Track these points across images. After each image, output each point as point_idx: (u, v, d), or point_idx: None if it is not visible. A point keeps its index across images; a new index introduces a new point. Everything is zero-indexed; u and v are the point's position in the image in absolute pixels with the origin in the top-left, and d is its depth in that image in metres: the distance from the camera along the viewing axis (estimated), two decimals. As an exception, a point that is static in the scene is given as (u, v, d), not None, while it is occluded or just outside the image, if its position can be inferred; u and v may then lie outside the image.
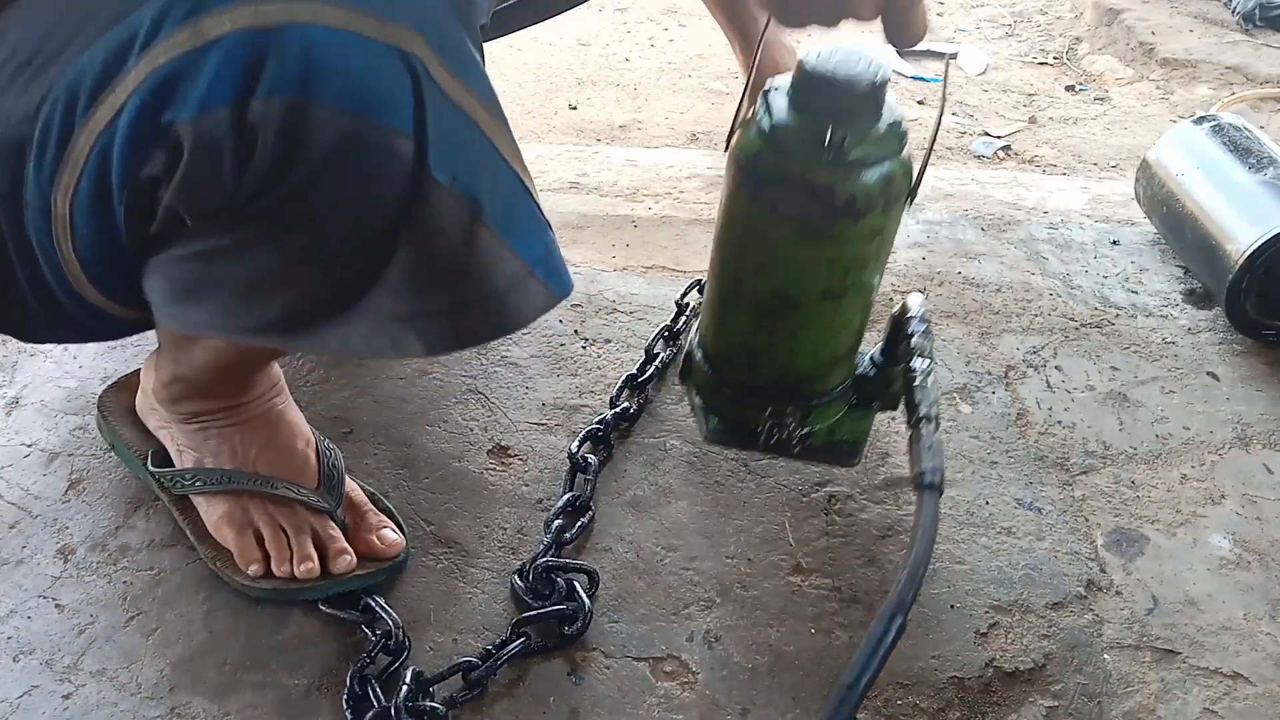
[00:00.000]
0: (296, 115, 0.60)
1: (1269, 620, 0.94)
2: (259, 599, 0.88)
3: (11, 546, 0.92)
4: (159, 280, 0.71)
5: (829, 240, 0.85)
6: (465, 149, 0.66)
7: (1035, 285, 1.34)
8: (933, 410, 0.87)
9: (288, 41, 0.59)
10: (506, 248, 0.69)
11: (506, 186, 0.70)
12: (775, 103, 0.85)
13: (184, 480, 0.90)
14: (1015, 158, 2.11)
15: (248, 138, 0.60)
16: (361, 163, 0.62)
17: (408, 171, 0.63)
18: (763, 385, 0.95)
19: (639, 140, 2.07)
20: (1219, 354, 1.24)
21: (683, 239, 1.39)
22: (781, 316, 0.90)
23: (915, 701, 0.85)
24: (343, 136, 0.61)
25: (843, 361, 0.96)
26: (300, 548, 0.88)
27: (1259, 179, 1.27)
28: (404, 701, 0.80)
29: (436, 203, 0.65)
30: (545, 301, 0.74)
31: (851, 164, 0.82)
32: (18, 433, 1.03)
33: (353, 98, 0.60)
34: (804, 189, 0.83)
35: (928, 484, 0.80)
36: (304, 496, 0.89)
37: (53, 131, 0.64)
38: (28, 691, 0.81)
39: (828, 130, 0.81)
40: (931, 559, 0.77)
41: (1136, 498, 1.05)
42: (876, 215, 0.85)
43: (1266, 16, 2.55)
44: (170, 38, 0.60)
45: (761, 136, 0.84)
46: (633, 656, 0.87)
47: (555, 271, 0.73)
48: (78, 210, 0.67)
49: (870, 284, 0.92)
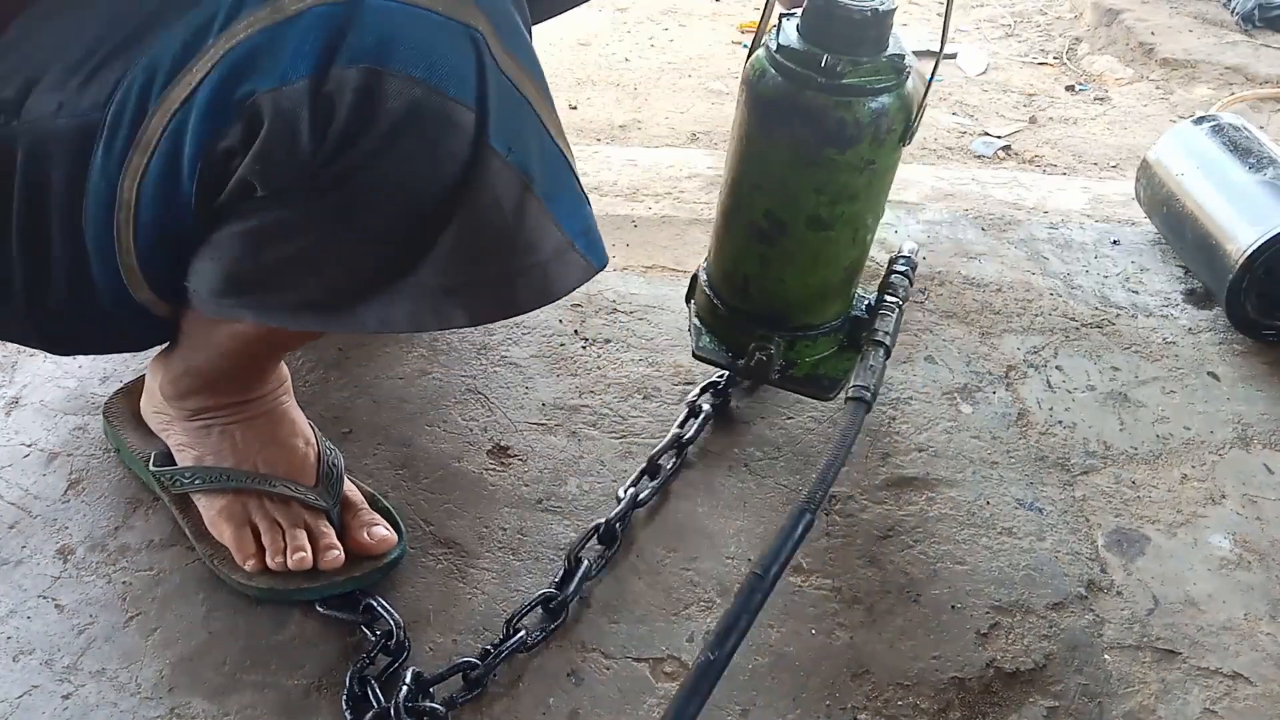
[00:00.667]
0: (371, 84, 0.62)
1: (1269, 620, 0.94)
2: (256, 597, 0.88)
3: (11, 546, 0.92)
4: (210, 263, 0.72)
5: (818, 165, 0.89)
6: (519, 122, 0.69)
7: (1036, 285, 1.34)
8: (885, 338, 0.94)
9: (365, 15, 0.61)
10: (552, 219, 0.72)
11: (553, 160, 0.72)
12: (786, 27, 0.90)
13: (184, 478, 0.90)
14: (1015, 158, 2.11)
15: (325, 106, 0.62)
16: (427, 130, 0.64)
17: (469, 141, 0.66)
18: (753, 310, 1.01)
19: (639, 140, 2.07)
20: (1219, 354, 1.24)
21: (683, 239, 1.39)
22: (772, 241, 0.95)
23: (915, 702, 0.85)
24: (412, 104, 0.63)
25: (832, 297, 1.00)
26: (294, 539, 0.88)
27: (1259, 179, 1.27)
28: (404, 702, 0.79)
29: (494, 172, 0.67)
30: (584, 273, 0.76)
31: (843, 90, 0.86)
32: (17, 433, 1.02)
33: (423, 68, 0.63)
34: (797, 110, 0.88)
35: (855, 396, 0.88)
36: (301, 494, 0.89)
37: (126, 113, 0.65)
38: (27, 691, 0.81)
39: (824, 56, 0.85)
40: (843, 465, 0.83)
41: (1137, 498, 1.05)
42: (865, 145, 0.88)
43: (1266, 17, 2.55)
44: (251, 14, 0.62)
45: (768, 57, 0.89)
46: (633, 657, 0.87)
47: (594, 245, 0.76)
48: (145, 194, 0.68)
49: (860, 220, 0.95)
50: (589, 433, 1.07)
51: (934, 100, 2.32)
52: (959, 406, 1.14)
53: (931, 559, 0.97)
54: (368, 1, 0.61)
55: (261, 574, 0.88)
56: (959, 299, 1.30)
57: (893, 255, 1.05)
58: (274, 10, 0.62)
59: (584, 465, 1.04)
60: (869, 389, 0.88)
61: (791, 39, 0.89)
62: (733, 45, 2.57)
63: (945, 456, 1.07)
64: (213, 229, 0.71)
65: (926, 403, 1.14)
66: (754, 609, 0.73)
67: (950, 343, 1.23)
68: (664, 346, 1.19)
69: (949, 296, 1.30)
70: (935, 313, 1.27)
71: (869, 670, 0.87)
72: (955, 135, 2.18)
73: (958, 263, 1.37)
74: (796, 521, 0.76)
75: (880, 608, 0.92)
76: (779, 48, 0.89)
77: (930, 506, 1.02)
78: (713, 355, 1.03)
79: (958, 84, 2.43)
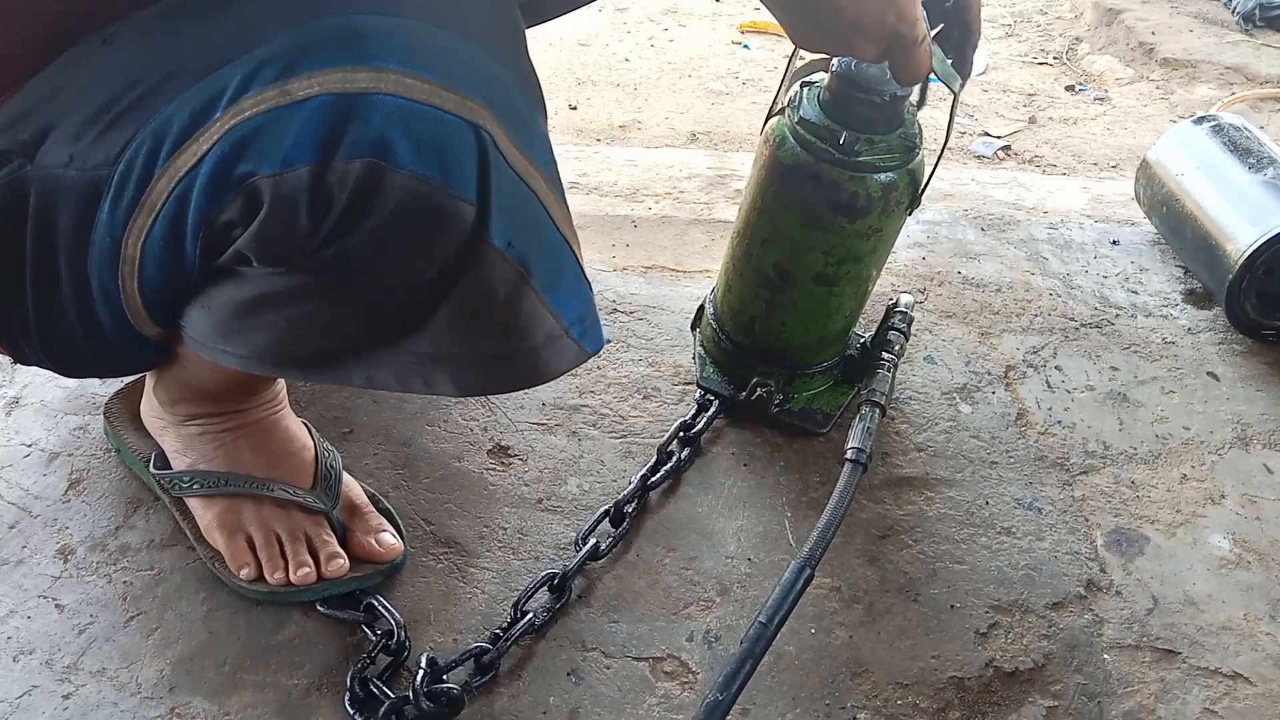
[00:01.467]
0: (371, 177, 0.62)
1: (1269, 620, 0.94)
2: (257, 600, 0.88)
3: (11, 546, 0.92)
4: (202, 312, 0.74)
5: (827, 230, 0.96)
6: (522, 216, 0.69)
7: (1035, 285, 1.34)
8: (880, 399, 0.99)
9: (371, 108, 0.62)
10: (548, 308, 0.73)
11: (555, 250, 0.73)
12: (808, 97, 0.96)
13: (181, 482, 0.91)
14: (1015, 158, 2.11)
15: (325, 195, 0.63)
16: (424, 223, 0.65)
17: (466, 235, 0.67)
18: (756, 348, 1.08)
19: (639, 140, 2.07)
20: (1219, 354, 1.24)
21: (683, 239, 1.39)
22: (779, 290, 1.02)
23: (915, 701, 0.85)
24: (412, 199, 0.64)
25: (832, 342, 1.07)
26: (295, 554, 0.88)
27: (1259, 179, 1.27)
28: (421, 685, 0.80)
29: (490, 265, 0.68)
30: (576, 359, 0.78)
31: (858, 166, 0.93)
32: (18, 433, 1.03)
33: (425, 164, 0.63)
34: (812, 181, 0.94)
35: (852, 459, 0.92)
36: (299, 498, 0.89)
37: (134, 174, 0.66)
38: (28, 691, 0.81)
39: (842, 133, 0.92)
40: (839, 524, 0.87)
41: (1136, 498, 1.05)
42: (874, 216, 0.95)
43: (1266, 16, 2.55)
44: (259, 94, 0.62)
45: (789, 127, 0.96)
46: (633, 656, 0.87)
47: (589, 330, 0.78)
48: (149, 252, 0.69)
49: (864, 277, 1.02)
50: (589, 432, 1.07)
51: (934, 100, 2.33)
52: (958, 406, 1.14)
53: (931, 558, 0.97)
54: (374, 96, 0.62)
55: (260, 580, 0.88)
56: (958, 299, 1.30)
57: (890, 305, 1.09)
58: (281, 93, 0.62)
59: (584, 465, 1.04)
60: (865, 451, 0.93)
61: (811, 113, 0.95)
62: (733, 45, 2.57)
63: (944, 456, 1.07)
64: (208, 282, 0.72)
65: (926, 403, 1.14)
66: (758, 656, 0.78)
67: (949, 343, 1.23)
68: (664, 346, 1.19)
69: (948, 296, 1.30)
70: (935, 313, 1.27)
71: (868, 669, 0.87)
72: (955, 135, 2.18)
73: (957, 263, 1.37)
74: (797, 576, 0.82)
75: (879, 607, 0.92)
76: (800, 120, 0.95)
77: (929, 506, 1.02)
78: (716, 386, 1.10)
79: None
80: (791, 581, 0.81)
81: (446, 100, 0.63)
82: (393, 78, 0.62)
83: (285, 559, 0.88)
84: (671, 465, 1.01)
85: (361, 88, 0.61)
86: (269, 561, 0.88)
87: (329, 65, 0.61)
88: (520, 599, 0.88)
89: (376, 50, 0.62)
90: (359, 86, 0.61)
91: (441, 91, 0.63)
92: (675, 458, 1.02)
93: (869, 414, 0.97)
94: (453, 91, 0.63)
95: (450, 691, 0.81)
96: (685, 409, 1.10)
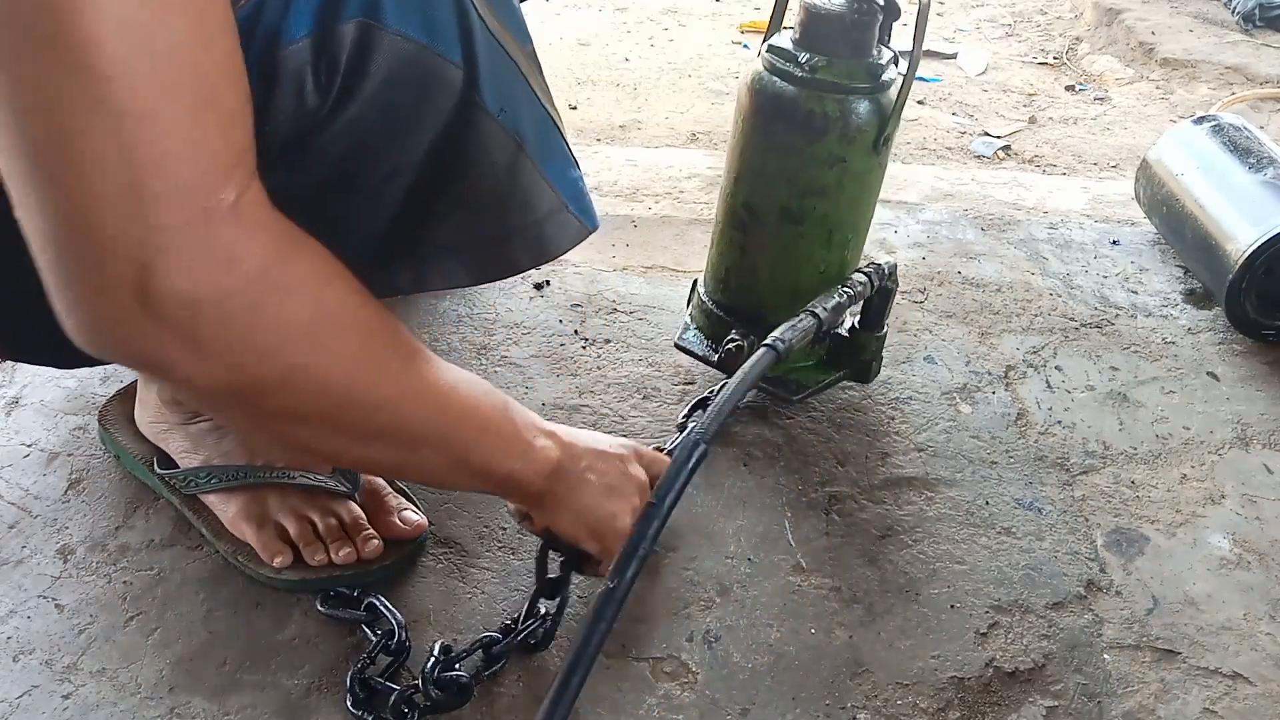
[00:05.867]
0: (364, 37, 0.64)
1: (1269, 620, 0.94)
2: (286, 589, 0.88)
3: (11, 546, 0.92)
4: None
5: (788, 155, 0.98)
6: (508, 84, 0.71)
7: (1035, 285, 1.34)
8: (821, 312, 0.97)
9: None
10: (545, 180, 0.75)
11: (543, 123, 0.74)
12: (784, 35, 1.00)
13: (198, 479, 0.90)
14: (1015, 158, 2.11)
15: (328, 62, 0.64)
16: (416, 84, 0.66)
17: (457, 98, 0.68)
18: (733, 306, 1.08)
19: (639, 140, 2.07)
20: (1219, 354, 1.24)
21: (683, 239, 1.39)
22: (749, 230, 1.04)
23: (915, 701, 0.85)
24: (401, 58, 0.65)
25: (805, 299, 1.03)
26: (332, 535, 0.88)
27: (1259, 179, 1.27)
28: (431, 672, 0.80)
29: (487, 132, 0.69)
30: (579, 234, 0.79)
31: (816, 84, 0.95)
32: (17, 432, 1.03)
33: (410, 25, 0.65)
34: (773, 101, 0.97)
35: (769, 344, 0.91)
36: (323, 482, 0.89)
37: None
38: (28, 691, 0.81)
39: (804, 54, 0.95)
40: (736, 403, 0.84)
41: (1136, 498, 1.05)
42: (833, 140, 0.97)
43: (1266, 17, 2.55)
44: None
45: (762, 56, 0.99)
46: (633, 656, 0.87)
47: (586, 208, 0.79)
48: None
49: (834, 220, 1.02)
50: (589, 433, 1.07)
51: (934, 100, 2.33)
52: (958, 406, 1.14)
53: (931, 558, 0.97)
54: None
55: (293, 567, 0.87)
56: (958, 299, 1.30)
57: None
58: None
59: (584, 465, 1.04)
60: (784, 340, 0.91)
61: (783, 41, 0.99)
62: (733, 45, 2.57)
63: (944, 456, 1.07)
64: None
65: (926, 402, 1.14)
66: (652, 537, 0.74)
67: (949, 343, 1.23)
68: (664, 346, 1.19)
69: (948, 296, 1.30)
70: (934, 313, 1.27)
71: (868, 669, 0.87)
72: (955, 135, 2.18)
73: (957, 263, 1.37)
74: (690, 452, 0.77)
75: (879, 607, 0.92)
76: (769, 47, 0.99)
77: (929, 506, 1.02)
78: (692, 346, 1.11)
79: (958, 84, 2.43)
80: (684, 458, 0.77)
81: None
82: None
83: (322, 540, 0.88)
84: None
85: None
86: (307, 544, 0.87)
87: None
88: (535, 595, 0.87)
89: None
90: None
91: None
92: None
93: (803, 318, 0.95)
94: None
95: (459, 680, 0.81)
96: (685, 409, 1.09)
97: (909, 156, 2.05)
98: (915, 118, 2.22)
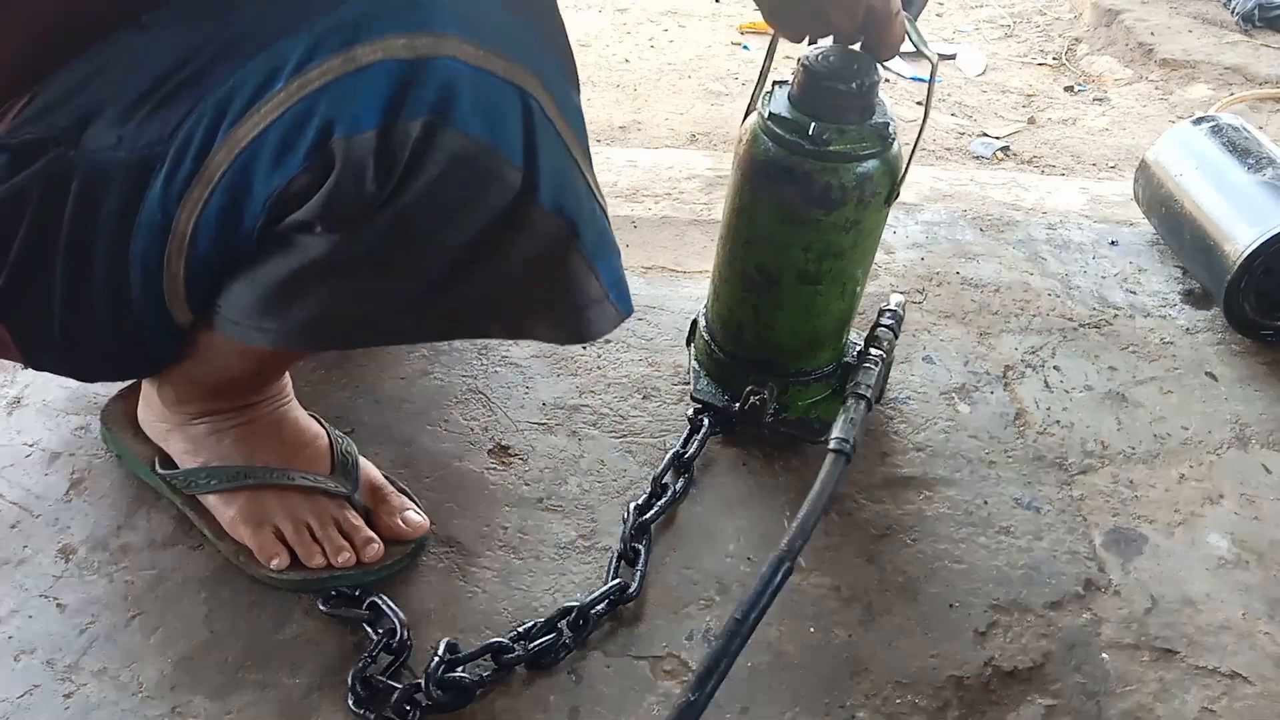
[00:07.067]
0: (429, 135, 0.66)
1: (1267, 620, 0.94)
2: (289, 590, 0.88)
3: (13, 546, 0.92)
4: (245, 291, 0.75)
5: (804, 225, 0.95)
6: (566, 181, 0.73)
7: (1034, 286, 1.34)
8: (867, 391, 0.97)
9: (432, 72, 0.65)
10: (594, 272, 0.77)
11: (595, 216, 0.76)
12: (778, 94, 0.96)
13: (198, 480, 0.90)
14: (1014, 158, 2.11)
15: (389, 156, 0.66)
16: (473, 183, 0.68)
17: (512, 195, 0.70)
18: (748, 356, 1.06)
19: (639, 141, 2.08)
20: (1217, 354, 1.25)
21: (682, 239, 1.39)
22: (763, 292, 1.01)
23: (914, 700, 0.85)
24: (462, 157, 0.67)
25: (823, 346, 1.05)
26: (330, 539, 0.88)
27: (1258, 179, 1.27)
28: (435, 671, 0.81)
29: (540, 224, 0.72)
30: (615, 322, 0.81)
31: (829, 156, 0.92)
32: (19, 432, 1.03)
33: (477, 126, 0.67)
34: (785, 175, 0.94)
35: (835, 449, 0.90)
36: (321, 483, 0.90)
37: (192, 147, 0.68)
38: (29, 691, 0.82)
39: (810, 124, 0.92)
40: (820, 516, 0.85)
41: (1135, 497, 1.05)
42: (850, 208, 0.94)
43: (1266, 17, 2.55)
44: (324, 62, 0.65)
45: (761, 123, 0.95)
46: (633, 656, 0.87)
47: (624, 295, 0.81)
48: (203, 226, 0.70)
49: (849, 275, 1.01)
50: (589, 432, 1.07)
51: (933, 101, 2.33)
52: (957, 406, 1.14)
53: (930, 558, 0.97)
54: (436, 60, 0.65)
55: (293, 568, 0.88)
56: (957, 299, 1.30)
57: (881, 308, 1.09)
58: (347, 60, 0.64)
59: (584, 465, 1.04)
60: (849, 441, 0.91)
61: (782, 107, 0.95)
62: (732, 46, 2.57)
63: (943, 456, 1.08)
64: (258, 256, 0.73)
65: (924, 402, 1.14)
66: (733, 653, 0.76)
67: (948, 343, 1.23)
68: (664, 346, 1.19)
69: (947, 297, 1.31)
70: (933, 313, 1.28)
71: (867, 669, 0.87)
72: (954, 136, 2.18)
73: (956, 263, 1.37)
74: (775, 570, 0.79)
75: (879, 606, 0.93)
76: (770, 115, 0.95)
77: (928, 506, 1.02)
78: (710, 398, 1.08)
79: (957, 85, 2.43)
80: (770, 575, 0.79)
81: (498, 67, 0.67)
82: (452, 43, 0.65)
83: (320, 545, 0.88)
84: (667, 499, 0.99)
85: (423, 53, 0.64)
86: (304, 549, 0.88)
87: (391, 32, 0.64)
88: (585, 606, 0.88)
89: (435, 17, 0.65)
90: (421, 52, 0.64)
91: (494, 58, 0.66)
92: (670, 490, 1.00)
93: (853, 405, 0.95)
94: (504, 59, 0.67)
95: (461, 681, 0.81)
96: (685, 409, 1.10)
97: (908, 157, 2.05)
98: (913, 119, 2.22)
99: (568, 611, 0.87)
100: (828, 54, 0.92)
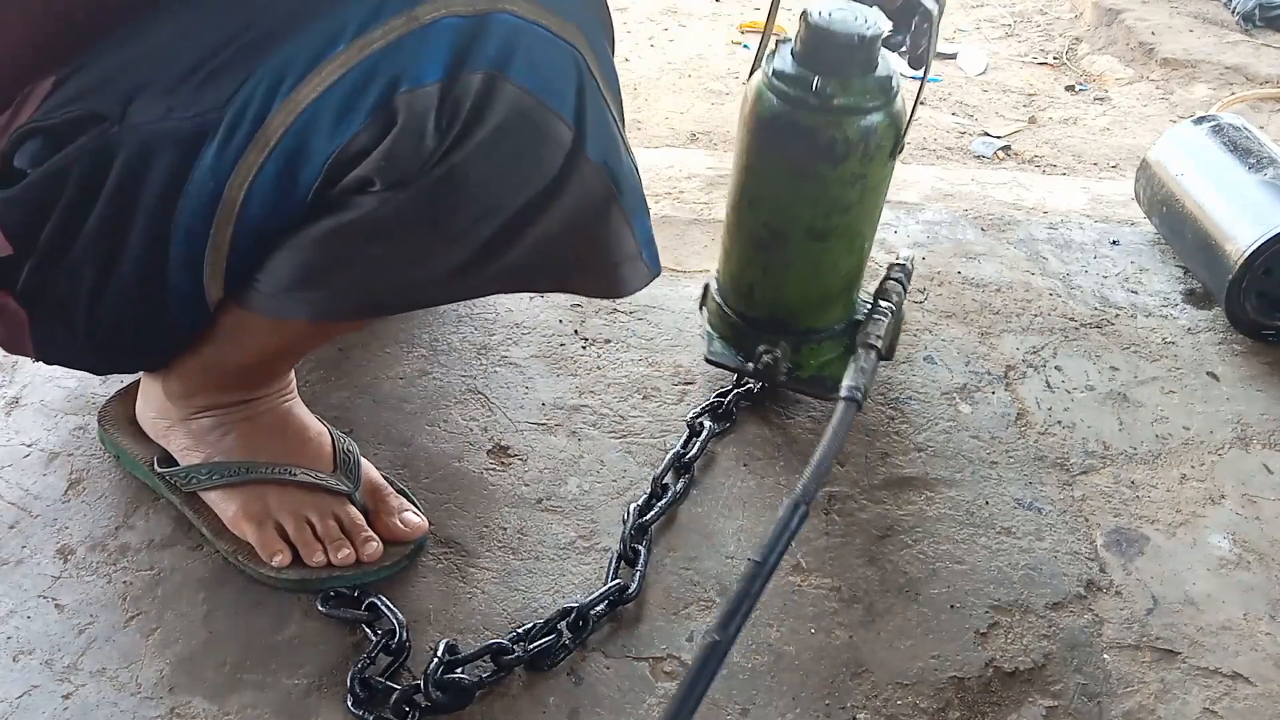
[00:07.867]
0: (489, 87, 0.67)
1: (1269, 620, 0.94)
2: (286, 589, 0.88)
3: (11, 546, 0.92)
4: (291, 260, 0.75)
5: (811, 180, 0.96)
6: (609, 139, 0.75)
7: (1035, 285, 1.34)
8: (877, 341, 0.98)
9: (494, 25, 0.67)
10: (631, 229, 0.79)
11: (632, 173, 0.79)
12: (782, 51, 0.97)
13: (199, 476, 0.90)
14: (1015, 158, 2.11)
15: (451, 108, 0.68)
16: (527, 139, 0.70)
17: (564, 153, 0.72)
18: (760, 316, 1.07)
19: (639, 140, 2.07)
20: (1219, 354, 1.24)
21: (683, 239, 1.39)
22: (772, 251, 1.02)
23: (915, 701, 0.85)
24: (518, 111, 0.69)
25: (833, 303, 1.06)
26: (331, 536, 0.88)
27: (1259, 179, 1.27)
28: (434, 671, 0.81)
29: (590, 178, 0.74)
30: (646, 279, 0.84)
31: (833, 110, 0.93)
32: (17, 432, 1.03)
33: (533, 80, 0.69)
34: (790, 130, 0.94)
35: (847, 396, 0.90)
36: (323, 480, 0.89)
37: (249, 112, 0.69)
38: (27, 691, 0.81)
39: (814, 79, 0.92)
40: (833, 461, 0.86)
41: (1136, 498, 1.05)
42: (856, 161, 0.95)
43: (1266, 16, 2.55)
44: (389, 22, 0.67)
45: (765, 80, 0.96)
46: (633, 656, 0.87)
47: (654, 255, 0.84)
48: (256, 190, 0.71)
49: (855, 230, 1.01)
50: (589, 432, 1.07)
51: (934, 100, 2.33)
52: (958, 406, 1.14)
53: (930, 558, 0.97)
54: (494, 14, 0.67)
55: (292, 567, 0.88)
56: (958, 299, 1.30)
57: (891, 262, 1.10)
58: (409, 19, 0.67)
59: (584, 465, 1.04)
60: (859, 389, 0.91)
61: (786, 63, 0.95)
62: (733, 45, 2.57)
63: (944, 456, 1.07)
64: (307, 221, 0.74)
65: (925, 402, 1.14)
66: (755, 594, 0.75)
67: (949, 343, 1.23)
68: (664, 346, 1.19)
69: (948, 296, 1.31)
70: (934, 313, 1.27)
71: (868, 669, 0.87)
72: (955, 135, 2.18)
73: (957, 263, 1.37)
74: (791, 514, 0.79)
75: (879, 607, 0.92)
76: (774, 72, 0.95)
77: (929, 506, 1.02)
78: (724, 359, 1.09)
79: (958, 84, 2.43)
80: (787, 518, 0.78)
81: (552, 23, 0.69)
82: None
83: (321, 542, 0.88)
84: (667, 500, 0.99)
85: (482, 8, 0.67)
86: (305, 546, 0.88)
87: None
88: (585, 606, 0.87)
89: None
90: (480, 7, 0.67)
91: (547, 15, 0.69)
92: (670, 490, 1.00)
93: (863, 355, 0.96)
94: (557, 16, 0.69)
95: (460, 682, 0.81)
96: (685, 409, 1.10)
97: (909, 156, 2.05)
98: (915, 118, 2.22)
99: (567, 612, 0.87)
100: (829, 8, 0.93)
